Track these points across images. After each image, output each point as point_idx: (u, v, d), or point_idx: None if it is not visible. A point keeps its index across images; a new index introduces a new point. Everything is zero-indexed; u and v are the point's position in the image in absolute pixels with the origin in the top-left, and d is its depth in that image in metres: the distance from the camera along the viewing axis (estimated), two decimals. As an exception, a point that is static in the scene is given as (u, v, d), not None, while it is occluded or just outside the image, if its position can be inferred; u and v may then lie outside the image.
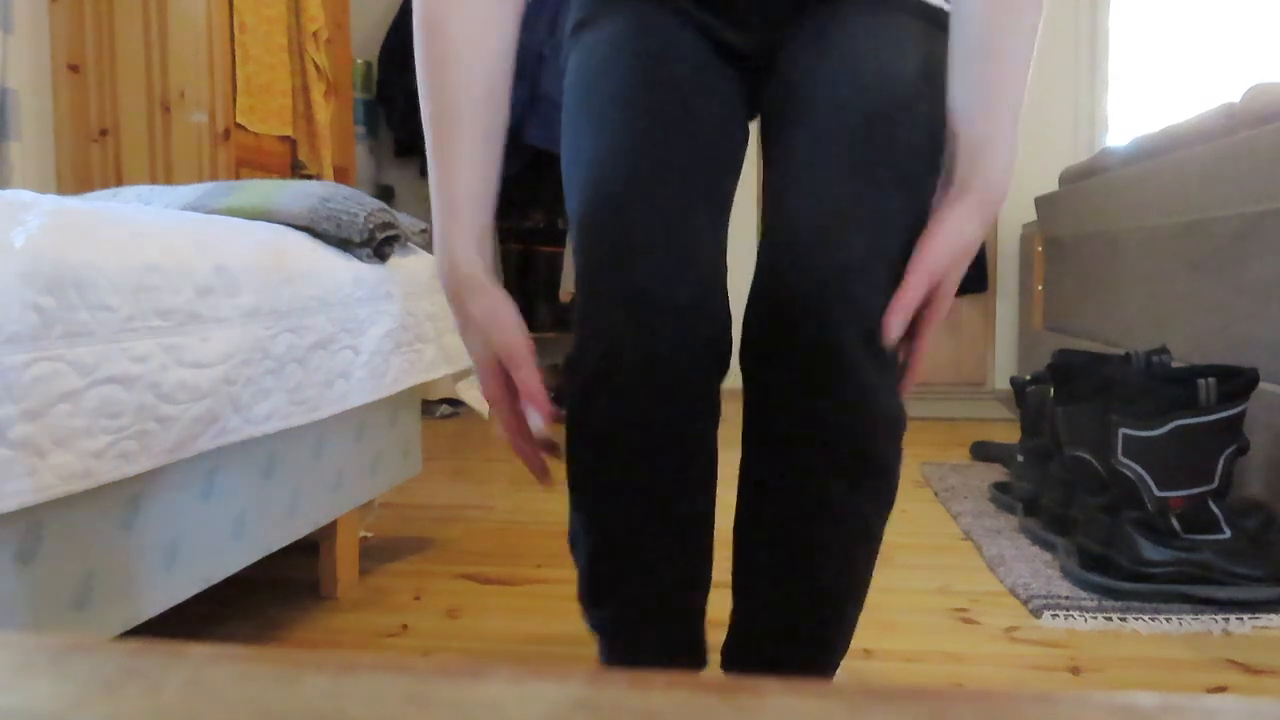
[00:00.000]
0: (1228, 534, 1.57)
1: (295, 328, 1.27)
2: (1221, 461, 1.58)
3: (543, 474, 0.75)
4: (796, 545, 0.74)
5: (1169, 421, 1.57)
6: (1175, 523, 1.58)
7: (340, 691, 0.24)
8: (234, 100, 2.70)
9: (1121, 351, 1.96)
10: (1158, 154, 2.41)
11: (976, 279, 3.38)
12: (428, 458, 2.81)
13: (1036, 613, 1.51)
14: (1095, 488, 1.76)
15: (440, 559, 1.82)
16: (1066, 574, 1.67)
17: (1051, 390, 1.95)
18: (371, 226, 1.51)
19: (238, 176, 2.68)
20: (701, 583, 0.81)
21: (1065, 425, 1.86)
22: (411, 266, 1.66)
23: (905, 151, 0.72)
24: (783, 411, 0.69)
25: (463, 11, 0.74)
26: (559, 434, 0.74)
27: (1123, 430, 1.62)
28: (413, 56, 3.48)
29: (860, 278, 0.65)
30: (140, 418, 0.96)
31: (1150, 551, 1.58)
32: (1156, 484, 1.59)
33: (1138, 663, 1.34)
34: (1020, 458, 2.19)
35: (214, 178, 2.62)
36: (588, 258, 0.70)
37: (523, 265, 3.97)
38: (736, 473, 0.80)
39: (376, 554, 1.84)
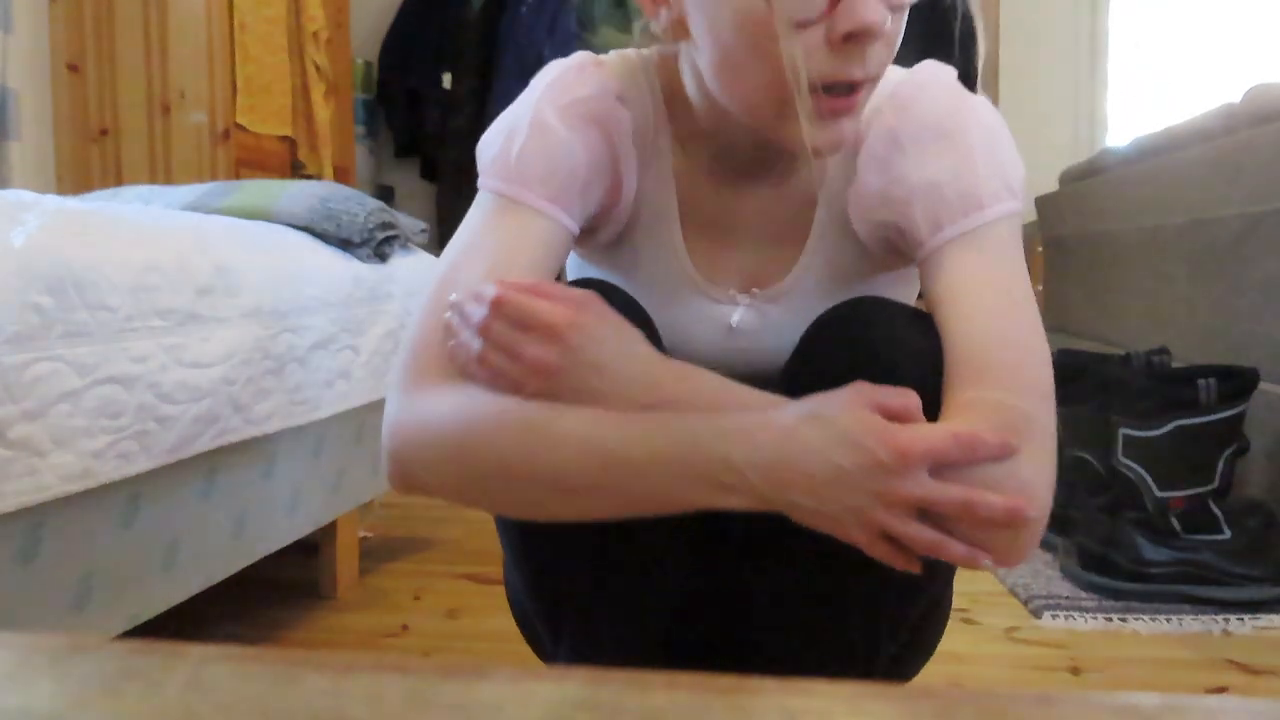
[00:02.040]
0: (1228, 534, 1.57)
1: (295, 328, 1.27)
2: (1221, 461, 1.57)
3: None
4: None
5: (1169, 421, 1.57)
6: (1175, 523, 1.58)
7: (340, 691, 0.24)
8: (234, 100, 2.69)
9: (1121, 351, 1.96)
10: (1158, 154, 2.41)
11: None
12: (428, 458, 2.80)
13: (1036, 613, 1.51)
14: (1095, 488, 1.76)
15: (440, 559, 1.82)
16: (1066, 574, 1.67)
17: (1051, 390, 1.95)
18: (371, 226, 1.51)
19: (238, 176, 2.68)
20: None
21: (1065, 425, 1.86)
22: (411, 266, 1.66)
23: None
24: None
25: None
26: None
27: (1123, 430, 1.62)
28: (413, 56, 3.45)
29: None
30: (140, 418, 0.96)
31: (1150, 551, 1.58)
32: (1156, 484, 1.59)
33: (1138, 663, 1.34)
34: (1020, 458, 2.18)
35: (214, 178, 2.62)
36: None
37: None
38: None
39: (376, 554, 1.83)
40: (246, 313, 1.16)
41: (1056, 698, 0.23)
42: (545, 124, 0.68)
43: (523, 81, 0.74)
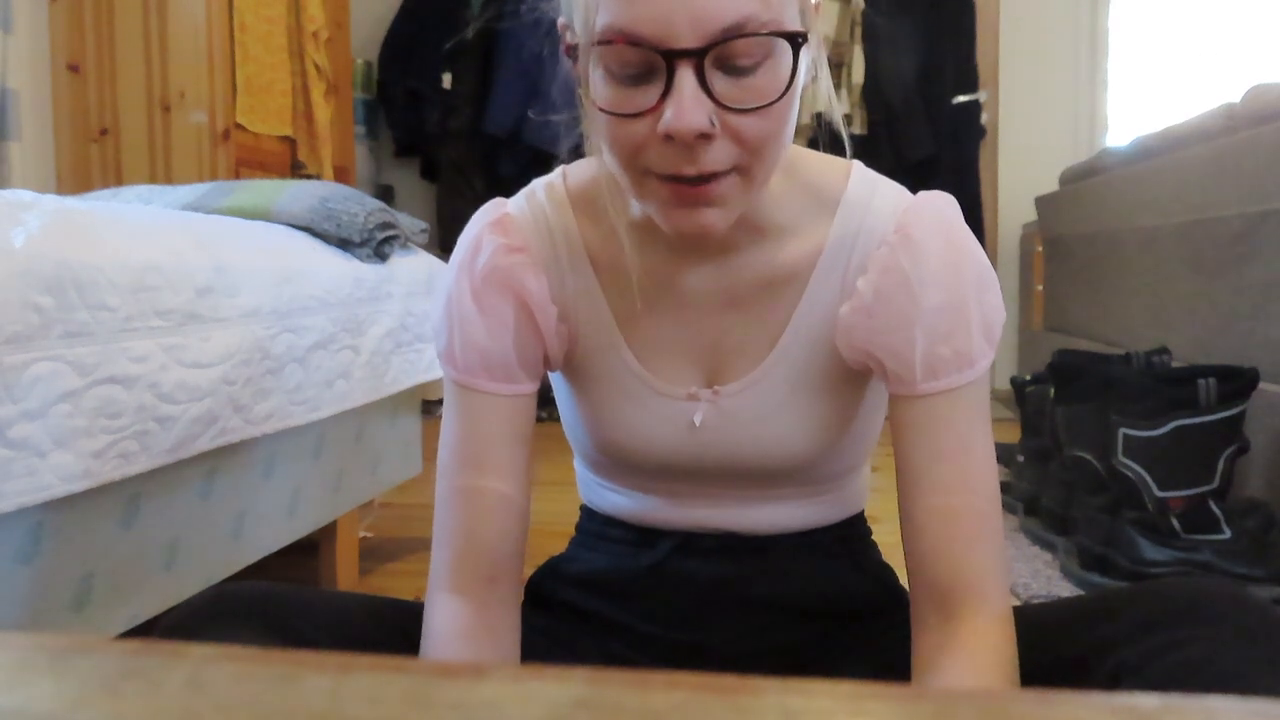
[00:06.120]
0: (1228, 534, 1.57)
1: (295, 328, 1.27)
2: (1221, 461, 1.57)
3: None
4: None
5: (1169, 421, 1.57)
6: (1175, 523, 1.58)
7: (340, 691, 0.24)
8: (234, 100, 2.69)
9: (1121, 351, 1.96)
10: (1158, 154, 2.41)
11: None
12: (428, 458, 2.80)
13: (1036, 613, 1.51)
14: (1095, 488, 1.76)
15: (440, 559, 1.81)
16: (1066, 574, 1.67)
17: (1051, 390, 1.95)
18: (371, 226, 1.51)
19: (238, 176, 2.68)
20: None
21: (1065, 425, 1.86)
22: (411, 266, 1.66)
23: None
24: None
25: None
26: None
27: (1123, 430, 1.62)
28: (413, 56, 3.46)
29: None
30: (140, 418, 0.96)
31: (1150, 551, 1.58)
32: (1156, 484, 1.59)
33: (1138, 663, 1.34)
34: (1020, 458, 2.19)
35: (214, 178, 2.62)
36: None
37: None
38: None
39: (376, 554, 1.83)
40: (246, 313, 1.16)
41: (1056, 698, 0.23)
42: (468, 317, 0.74)
43: (523, 81, 0.73)
